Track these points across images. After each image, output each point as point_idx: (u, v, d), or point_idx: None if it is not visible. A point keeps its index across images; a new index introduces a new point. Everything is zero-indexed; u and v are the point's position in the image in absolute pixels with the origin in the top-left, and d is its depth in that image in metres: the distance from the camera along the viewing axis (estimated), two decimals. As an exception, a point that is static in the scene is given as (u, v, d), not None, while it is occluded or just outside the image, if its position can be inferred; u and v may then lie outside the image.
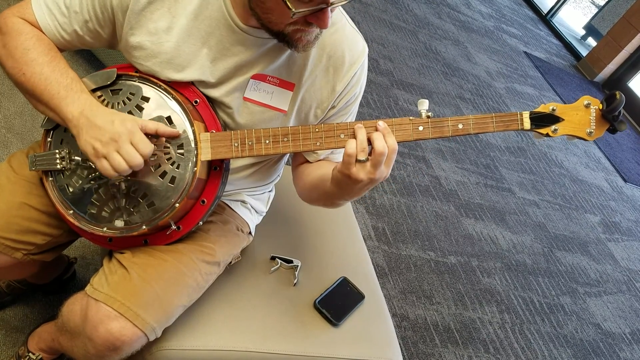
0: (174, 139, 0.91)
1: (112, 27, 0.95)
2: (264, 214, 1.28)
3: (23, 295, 1.43)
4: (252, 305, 1.15)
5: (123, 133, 0.84)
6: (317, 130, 0.90)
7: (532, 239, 2.92)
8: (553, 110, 0.89)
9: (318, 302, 1.22)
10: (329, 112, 1.04)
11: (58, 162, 0.96)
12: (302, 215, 1.44)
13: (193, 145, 0.91)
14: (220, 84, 0.97)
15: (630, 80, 5.75)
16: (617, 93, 0.84)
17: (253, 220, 1.22)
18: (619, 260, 3.22)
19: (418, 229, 2.49)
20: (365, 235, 2.26)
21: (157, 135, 0.90)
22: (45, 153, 0.97)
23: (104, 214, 0.95)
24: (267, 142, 0.91)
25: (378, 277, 1.43)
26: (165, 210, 0.92)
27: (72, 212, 0.97)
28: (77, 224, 0.96)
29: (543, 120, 0.89)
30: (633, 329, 2.74)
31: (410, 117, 0.89)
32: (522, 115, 0.89)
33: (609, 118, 0.87)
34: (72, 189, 0.96)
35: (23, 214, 1.00)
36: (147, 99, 0.93)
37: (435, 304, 2.18)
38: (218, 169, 0.96)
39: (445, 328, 2.10)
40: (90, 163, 0.94)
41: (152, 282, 0.94)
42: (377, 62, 3.62)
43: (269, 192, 1.28)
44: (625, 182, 4.25)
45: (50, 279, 1.43)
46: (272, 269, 1.25)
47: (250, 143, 0.91)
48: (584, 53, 6.19)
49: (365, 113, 3.01)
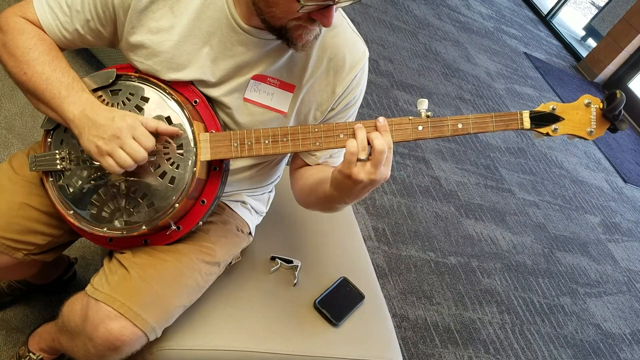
0: (174, 139, 0.91)
1: (113, 26, 0.96)
2: (264, 214, 1.29)
3: (23, 296, 1.43)
4: (252, 305, 1.15)
5: (124, 128, 0.84)
6: (316, 130, 0.90)
7: (532, 240, 2.92)
8: (553, 110, 0.89)
9: (318, 302, 1.22)
10: (329, 114, 1.04)
11: (58, 162, 0.96)
12: (302, 216, 1.44)
13: (192, 145, 0.91)
14: (221, 84, 0.97)
15: (631, 81, 5.75)
16: (617, 92, 0.83)
17: (253, 221, 1.22)
18: (619, 261, 3.22)
19: (418, 230, 2.49)
20: (365, 236, 2.26)
21: (157, 134, 0.90)
22: (46, 153, 0.97)
23: (104, 214, 0.95)
24: (266, 142, 0.91)
25: (378, 277, 1.43)
26: (165, 211, 0.92)
27: (72, 212, 0.97)
28: (77, 224, 0.96)
29: (543, 120, 0.89)
30: (633, 330, 2.73)
31: (410, 117, 0.89)
32: (522, 115, 0.88)
33: (610, 117, 0.87)
34: (72, 189, 0.96)
35: (24, 214, 1.00)
36: (146, 99, 0.93)
37: (436, 305, 2.18)
38: (218, 169, 0.96)
39: (446, 328, 2.10)
40: (91, 163, 0.94)
41: (152, 282, 0.94)
42: (377, 63, 3.63)
43: (269, 192, 1.28)
44: (625, 182, 4.25)
45: (51, 279, 1.43)
46: (272, 269, 1.25)
47: (250, 143, 0.91)
48: (584, 54, 6.19)
49: (365, 114, 3.02)
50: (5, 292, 1.38)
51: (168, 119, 0.92)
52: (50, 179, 0.98)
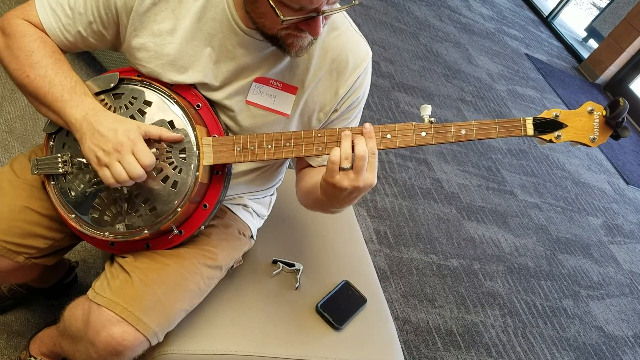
0: (177, 144, 0.91)
1: (116, 28, 0.95)
2: (266, 218, 1.28)
3: (25, 299, 1.43)
4: (253, 309, 1.15)
5: (125, 143, 0.85)
6: (319, 135, 0.90)
7: (534, 242, 2.92)
8: (556, 116, 0.89)
9: (320, 305, 1.21)
10: (332, 115, 1.03)
11: (60, 166, 0.96)
12: (303, 219, 1.43)
13: (195, 150, 0.91)
14: (223, 87, 0.97)
15: (632, 83, 5.74)
16: (620, 99, 0.83)
17: (255, 224, 1.22)
18: (622, 263, 3.21)
19: (420, 232, 2.49)
20: (367, 239, 2.26)
21: (159, 140, 0.90)
22: (47, 157, 0.97)
23: (106, 218, 0.95)
24: (269, 146, 0.91)
25: (380, 280, 1.42)
26: (167, 215, 0.92)
27: (74, 216, 0.96)
28: (79, 228, 0.96)
29: (546, 126, 0.89)
30: (636, 332, 2.73)
31: (413, 122, 0.89)
32: (525, 121, 0.89)
33: (613, 124, 0.87)
34: (74, 193, 0.96)
35: (25, 218, 0.99)
36: (149, 103, 0.93)
37: (438, 308, 2.17)
38: (220, 174, 0.96)
39: (448, 332, 2.10)
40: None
41: (154, 286, 0.93)
42: (378, 64, 3.62)
43: (271, 195, 1.28)
44: (628, 184, 4.24)
45: (52, 283, 1.43)
46: (273, 273, 1.25)
47: (253, 148, 0.91)
48: (586, 55, 6.19)
49: (367, 115, 3.01)
50: (6, 295, 1.38)
51: (171, 123, 0.91)
52: (52, 183, 0.98)
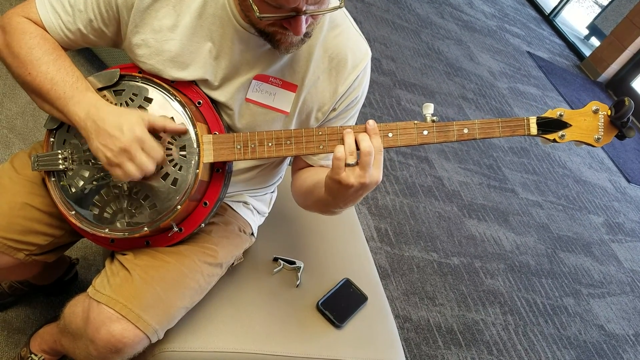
0: (177, 140, 0.90)
1: (116, 25, 0.95)
2: (266, 215, 1.28)
3: (25, 296, 1.43)
4: (254, 307, 1.15)
5: (133, 141, 0.84)
6: (320, 134, 0.89)
7: (535, 240, 2.91)
8: (560, 116, 0.88)
9: (321, 303, 1.21)
10: (330, 114, 1.03)
11: (60, 162, 0.95)
12: (304, 216, 1.43)
13: (195, 147, 0.90)
14: (223, 84, 0.96)
15: (634, 81, 5.73)
16: (626, 99, 0.83)
17: (255, 221, 1.22)
18: (623, 262, 3.21)
19: (421, 230, 2.48)
20: (368, 236, 2.26)
21: (160, 136, 0.89)
22: (48, 153, 0.96)
23: (106, 215, 0.95)
24: (269, 144, 0.90)
25: (380, 278, 1.42)
26: (167, 212, 0.91)
27: (74, 212, 0.96)
28: (79, 225, 0.96)
29: (550, 126, 0.88)
30: (637, 331, 2.72)
31: (415, 120, 0.88)
32: (528, 121, 0.88)
33: (618, 124, 0.86)
34: (74, 190, 0.96)
35: (25, 215, 0.99)
36: (150, 100, 0.92)
37: (438, 306, 2.17)
38: (220, 171, 0.95)
39: (448, 330, 2.09)
40: (94, 163, 0.94)
41: (154, 284, 0.93)
42: (379, 61, 3.62)
43: (271, 193, 1.27)
44: (629, 182, 4.23)
45: (52, 280, 1.43)
46: (274, 270, 1.24)
47: (253, 146, 0.91)
48: (587, 53, 6.17)
49: (368, 113, 3.01)
50: (7, 292, 1.38)
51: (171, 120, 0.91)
52: (52, 179, 0.97)
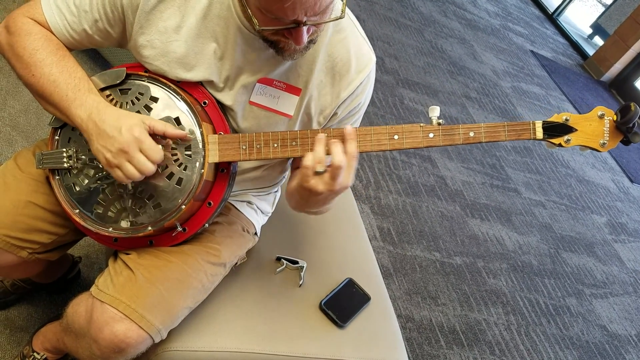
0: (182, 141, 0.90)
1: (122, 26, 0.95)
2: (270, 215, 1.28)
3: (27, 295, 1.43)
4: (257, 306, 1.14)
5: (131, 142, 0.84)
6: (326, 135, 0.89)
7: (538, 240, 2.91)
8: (566, 120, 0.88)
9: (324, 303, 1.21)
10: (331, 119, 1.02)
11: (65, 160, 0.95)
12: (307, 216, 1.42)
13: (200, 147, 0.90)
14: (227, 86, 0.96)
15: (637, 80, 5.71)
16: (632, 105, 0.83)
17: (259, 221, 1.21)
18: (626, 262, 3.20)
19: (423, 230, 2.48)
20: (370, 236, 2.25)
21: (164, 137, 0.89)
22: (53, 151, 0.96)
23: (110, 214, 0.95)
24: (275, 145, 0.90)
25: (383, 277, 1.42)
26: (172, 212, 0.91)
27: (78, 211, 0.96)
28: (83, 224, 0.96)
29: (556, 130, 0.88)
30: (639, 331, 2.72)
31: (419, 121, 0.88)
32: (534, 125, 0.88)
33: (623, 129, 0.86)
34: (78, 188, 0.95)
35: (29, 213, 0.99)
36: (155, 100, 0.92)
37: (441, 305, 2.17)
38: (225, 171, 0.95)
39: (451, 329, 2.09)
40: (97, 162, 0.93)
41: (157, 283, 0.93)
42: (382, 60, 3.61)
43: (275, 192, 1.27)
44: (632, 182, 4.22)
45: (55, 278, 1.43)
46: (277, 270, 1.24)
47: (259, 146, 0.90)
48: (591, 52, 6.15)
49: (371, 112, 3.00)
50: (9, 290, 1.38)
51: (177, 120, 0.91)
52: (57, 177, 0.97)
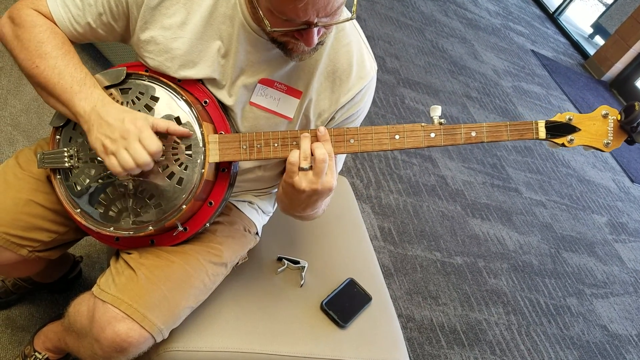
0: (183, 140, 0.90)
1: (126, 20, 0.95)
2: (271, 214, 1.28)
3: (29, 294, 1.43)
4: (258, 306, 1.14)
5: (132, 131, 0.84)
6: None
7: (538, 240, 2.91)
8: (569, 120, 0.87)
9: (325, 303, 1.21)
10: (329, 124, 1.02)
11: (66, 160, 0.95)
12: (308, 216, 1.42)
13: (201, 147, 0.90)
14: (228, 85, 0.96)
15: (638, 80, 5.70)
16: (636, 104, 0.82)
17: (260, 221, 1.21)
18: (626, 262, 3.20)
19: (424, 229, 2.48)
20: (371, 235, 2.25)
21: (166, 135, 0.89)
22: (54, 151, 0.96)
23: (111, 214, 0.95)
24: (275, 145, 0.90)
25: (384, 277, 1.42)
26: (172, 212, 0.91)
27: (79, 210, 0.96)
28: (84, 223, 0.96)
29: (559, 130, 0.87)
30: (640, 331, 2.72)
31: (420, 121, 0.88)
32: (537, 125, 0.87)
33: (627, 129, 0.85)
34: (79, 188, 0.95)
35: (29, 211, 0.99)
36: (156, 99, 0.92)
37: (442, 305, 2.17)
38: (226, 171, 0.95)
39: (452, 329, 2.09)
40: (100, 161, 0.93)
41: (159, 283, 0.93)
42: (383, 60, 3.60)
43: (276, 192, 1.27)
44: (633, 182, 4.22)
45: (56, 278, 1.43)
46: (278, 270, 1.24)
47: (259, 146, 0.90)
48: (592, 52, 6.15)
49: (372, 112, 3.00)
50: (11, 290, 1.38)
51: (177, 119, 0.91)
52: (58, 177, 0.97)
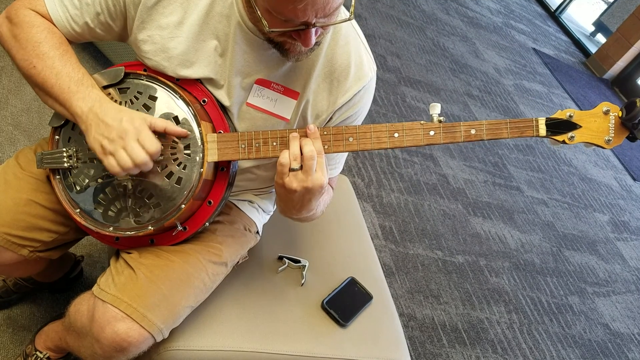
0: (181, 139, 0.90)
1: (123, 20, 0.95)
2: (272, 213, 1.27)
3: (30, 294, 1.43)
4: (259, 305, 1.14)
5: (130, 131, 0.84)
6: (325, 134, 0.89)
7: (540, 238, 2.90)
8: (570, 117, 0.86)
9: (326, 302, 1.21)
10: (326, 126, 1.01)
11: (65, 160, 0.95)
12: (309, 215, 1.42)
13: (200, 146, 0.90)
14: (225, 85, 0.96)
15: (640, 78, 5.69)
16: (637, 100, 0.81)
17: (260, 220, 1.21)
18: (628, 260, 3.19)
19: (425, 228, 2.48)
20: (372, 234, 2.25)
21: (165, 135, 0.89)
22: (53, 151, 0.96)
23: (110, 214, 0.95)
24: (274, 144, 0.90)
25: (385, 276, 1.41)
26: (172, 211, 0.91)
27: (78, 210, 0.96)
28: (84, 223, 0.96)
29: (559, 127, 0.87)
30: (642, 330, 2.71)
31: (421, 119, 0.87)
32: (537, 122, 0.86)
33: (629, 126, 0.84)
34: (79, 188, 0.95)
35: (30, 211, 0.99)
36: (154, 98, 0.92)
37: (443, 304, 2.16)
38: (225, 170, 0.95)
39: (453, 328, 2.09)
40: (99, 161, 0.93)
41: (159, 283, 0.93)
42: (384, 58, 3.60)
43: (276, 191, 1.27)
44: (635, 180, 4.21)
45: (57, 277, 1.43)
46: (279, 269, 1.24)
47: (258, 145, 0.90)
48: (593, 50, 6.13)
49: (373, 110, 2.99)
50: (12, 289, 1.38)
51: (175, 119, 0.91)
52: (57, 177, 0.97)
